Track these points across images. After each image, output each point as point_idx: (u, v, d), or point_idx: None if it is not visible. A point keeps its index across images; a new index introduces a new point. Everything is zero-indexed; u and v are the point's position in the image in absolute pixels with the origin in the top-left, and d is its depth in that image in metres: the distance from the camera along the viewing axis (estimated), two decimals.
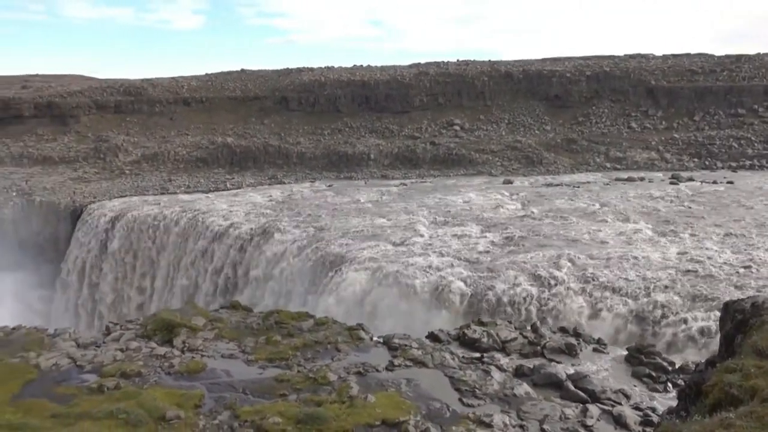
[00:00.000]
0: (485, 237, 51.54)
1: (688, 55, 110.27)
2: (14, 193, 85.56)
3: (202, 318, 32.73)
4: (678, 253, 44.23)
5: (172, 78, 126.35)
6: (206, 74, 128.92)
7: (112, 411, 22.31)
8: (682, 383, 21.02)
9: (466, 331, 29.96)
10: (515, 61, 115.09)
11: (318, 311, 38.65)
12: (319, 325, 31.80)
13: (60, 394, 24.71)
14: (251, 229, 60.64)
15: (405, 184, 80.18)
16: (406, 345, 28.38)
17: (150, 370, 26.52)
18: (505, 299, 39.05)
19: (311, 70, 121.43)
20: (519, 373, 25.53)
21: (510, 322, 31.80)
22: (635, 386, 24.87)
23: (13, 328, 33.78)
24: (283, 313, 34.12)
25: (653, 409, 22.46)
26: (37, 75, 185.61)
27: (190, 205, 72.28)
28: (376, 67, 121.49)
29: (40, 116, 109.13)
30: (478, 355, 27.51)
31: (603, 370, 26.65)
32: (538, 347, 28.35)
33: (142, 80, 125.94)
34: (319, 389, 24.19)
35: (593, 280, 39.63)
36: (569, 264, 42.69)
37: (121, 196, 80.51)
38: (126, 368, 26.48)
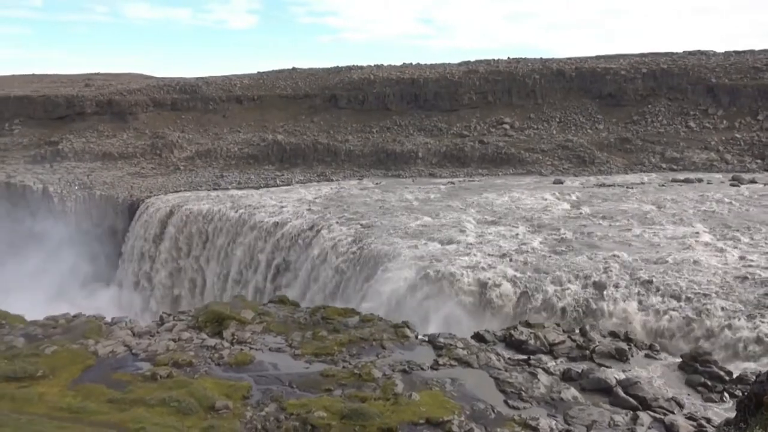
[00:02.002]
0: (534, 237, 50.73)
1: (752, 51, 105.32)
2: (76, 187, 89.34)
3: (250, 311, 33.47)
4: (738, 259, 42.45)
5: (226, 76, 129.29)
6: (258, 72, 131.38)
7: (165, 399, 23.11)
8: (741, 394, 20.22)
9: (512, 332, 29.62)
10: (567, 58, 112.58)
11: (364, 308, 38.92)
12: (365, 322, 32.03)
13: (116, 380, 25.73)
14: (299, 225, 61.51)
15: (453, 183, 79.70)
16: (451, 344, 28.27)
17: (201, 361, 27.32)
18: (554, 301, 38.37)
19: (361, 68, 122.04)
20: (566, 377, 25.06)
21: (558, 325, 31.26)
22: (689, 395, 24.06)
23: (74, 316, 35.37)
24: (330, 309, 34.53)
25: (708, 420, 21.66)
26: (99, 73, 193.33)
27: (240, 201, 73.86)
28: (425, 65, 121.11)
29: (102, 113, 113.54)
30: (524, 357, 27.15)
31: (655, 376, 25.88)
32: (587, 351, 27.76)
33: (197, 79, 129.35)
34: (363, 386, 24.38)
35: (646, 284, 38.46)
36: (621, 267, 41.58)
37: (176, 191, 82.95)
38: (178, 358, 27.37)
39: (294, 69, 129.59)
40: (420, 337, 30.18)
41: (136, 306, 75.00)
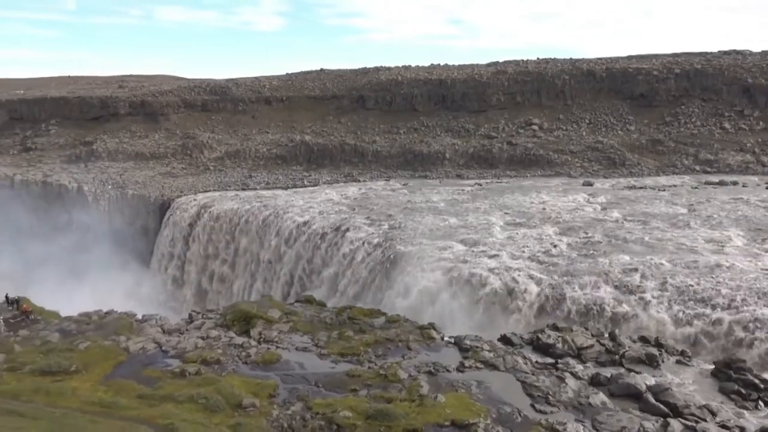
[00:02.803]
0: (562, 240, 50.13)
1: None
2: (110, 186, 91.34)
3: (277, 311, 33.78)
4: None
5: (255, 78, 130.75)
6: (287, 74, 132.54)
7: (193, 395, 23.46)
8: None
9: (539, 335, 29.33)
10: (598, 58, 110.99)
11: (389, 309, 38.95)
12: (391, 323, 32.07)
13: (146, 376, 26.23)
14: (326, 225, 61.82)
15: (480, 184, 79.25)
16: (477, 346, 28.13)
17: (228, 359, 27.68)
18: (582, 305, 37.87)
19: (388, 69, 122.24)
20: (595, 381, 24.73)
21: (586, 329, 30.85)
22: (722, 403, 23.50)
23: (106, 313, 36.15)
24: (356, 309, 34.65)
25: (742, 429, 21.16)
26: (132, 75, 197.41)
27: (268, 201, 74.57)
28: (453, 65, 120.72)
29: (134, 114, 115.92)
30: (551, 360, 26.87)
31: (687, 383, 25.37)
32: (616, 356, 27.34)
33: (227, 80, 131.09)
34: (389, 386, 24.40)
35: (678, 288, 37.71)
36: (652, 271, 40.83)
37: (205, 191, 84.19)
38: (206, 355, 27.77)
39: (322, 70, 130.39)
40: (446, 338, 30.09)
41: (166, 301, 76.28)
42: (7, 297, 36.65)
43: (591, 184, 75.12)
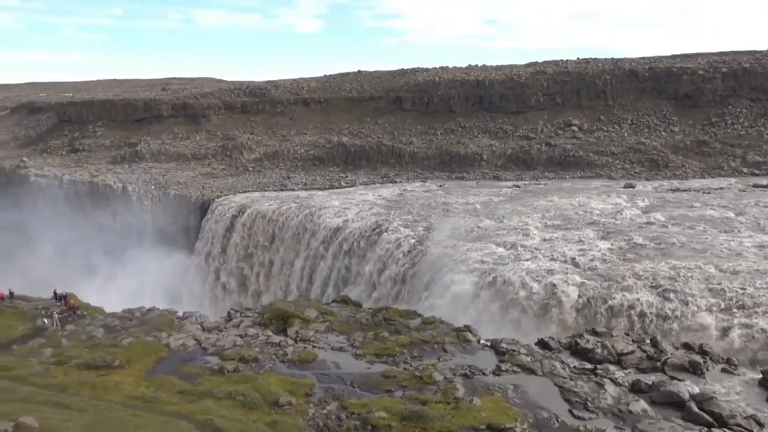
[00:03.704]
0: (602, 243, 49.14)
1: None
2: (153, 187, 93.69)
3: (314, 310, 34.11)
4: None
5: (293, 80, 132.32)
6: (324, 75, 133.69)
7: (231, 392, 23.89)
8: None
9: (578, 340, 28.84)
10: (640, 58, 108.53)
11: (425, 310, 38.88)
12: (427, 324, 32.01)
13: (186, 372, 26.82)
14: (362, 226, 62.07)
15: (518, 186, 78.37)
16: (514, 350, 27.82)
17: (266, 357, 28.08)
18: (623, 310, 37.05)
19: (426, 70, 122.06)
20: (636, 388, 24.17)
21: (627, 334, 30.20)
22: None
23: (149, 310, 37.14)
24: (392, 310, 34.71)
25: None
26: (174, 78, 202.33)
27: (306, 202, 75.31)
28: (491, 66, 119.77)
29: (176, 116, 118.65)
30: (590, 366, 26.38)
31: (733, 392, 24.54)
32: (658, 363, 26.67)
33: (266, 82, 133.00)
34: (424, 388, 24.36)
35: (724, 294, 36.54)
36: (696, 276, 39.66)
37: (245, 192, 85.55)
38: (244, 353, 28.24)
39: (359, 72, 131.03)
40: (482, 341, 29.87)
41: (206, 299, 77.78)
42: (55, 293, 38.01)
43: (633, 187, 73.44)
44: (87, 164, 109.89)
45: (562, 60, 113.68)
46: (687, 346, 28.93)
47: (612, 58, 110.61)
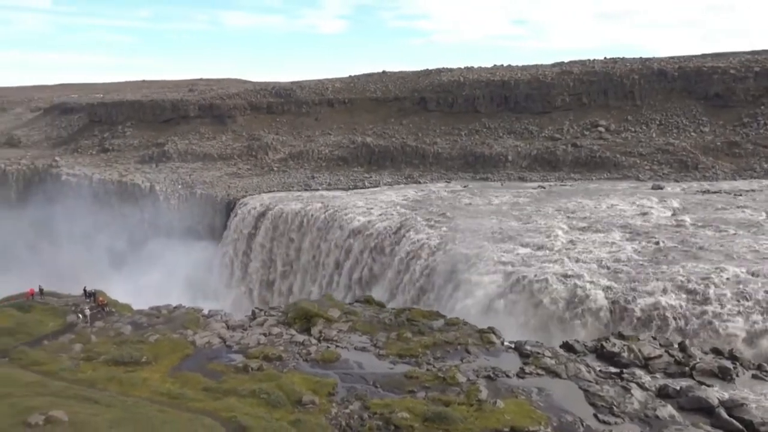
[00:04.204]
0: (629, 245, 48.40)
1: None
2: (180, 186, 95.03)
3: (337, 310, 34.25)
4: None
5: (318, 80, 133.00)
6: (349, 76, 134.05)
7: (255, 390, 24.13)
8: None
9: (604, 343, 28.48)
10: (669, 57, 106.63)
11: (449, 311, 38.76)
12: (450, 326, 31.91)
13: (211, 370, 27.17)
14: (386, 226, 62.10)
15: (543, 187, 77.64)
16: (538, 353, 27.58)
17: (289, 356, 28.29)
18: (650, 313, 36.44)
19: (450, 70, 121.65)
20: (663, 393, 23.77)
21: (654, 338, 29.72)
22: None
23: (175, 307, 37.70)
24: (415, 310, 34.69)
25: None
26: (201, 79, 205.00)
27: (330, 202, 75.63)
28: (516, 66, 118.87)
29: (203, 116, 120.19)
30: (616, 370, 26.03)
31: (764, 399, 23.96)
32: (686, 368, 26.20)
33: (291, 83, 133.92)
34: (447, 389, 24.29)
35: (755, 299, 35.70)
36: (727, 279, 38.81)
37: (269, 191, 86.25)
38: (268, 352, 28.50)
39: (384, 72, 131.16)
40: (506, 343, 29.68)
41: (231, 297, 78.60)
42: (85, 290, 38.79)
43: (661, 188, 72.19)
44: (116, 164, 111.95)
45: (588, 60, 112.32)
46: (716, 351, 28.37)
47: (640, 58, 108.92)
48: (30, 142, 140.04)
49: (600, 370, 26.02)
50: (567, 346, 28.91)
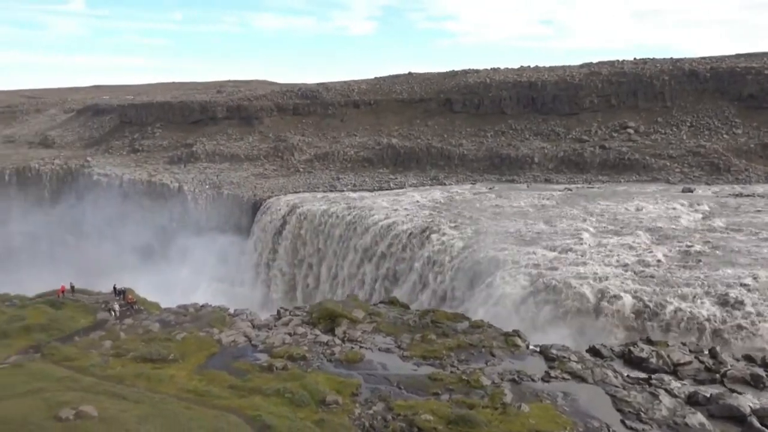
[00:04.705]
0: (658, 249, 47.57)
1: None
2: (207, 186, 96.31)
3: (361, 311, 34.32)
4: None
5: (344, 82, 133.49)
6: (375, 77, 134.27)
7: (280, 389, 24.31)
8: None
9: (632, 348, 28.01)
10: (701, 58, 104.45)
11: (473, 314, 38.54)
12: (474, 328, 31.73)
13: (236, 368, 27.46)
14: (411, 228, 62.05)
15: (570, 189, 76.76)
16: (564, 357, 27.26)
17: (314, 356, 28.44)
18: (679, 318, 35.76)
19: (477, 71, 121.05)
20: (692, 400, 23.29)
21: (684, 344, 29.13)
22: None
23: (202, 306, 38.20)
24: (439, 312, 34.57)
25: None
26: (229, 81, 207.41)
27: (355, 203, 75.87)
28: (543, 67, 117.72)
29: (231, 118, 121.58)
30: (644, 375, 25.59)
31: None
32: (717, 375, 25.62)
33: (318, 84, 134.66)
34: (471, 392, 24.15)
35: None
36: (760, 285, 37.89)
37: (295, 192, 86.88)
38: (293, 351, 28.69)
39: (410, 73, 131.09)
40: (531, 346, 29.39)
41: (256, 296, 79.36)
42: (115, 288, 39.55)
43: (691, 191, 70.80)
44: (146, 164, 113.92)
45: (617, 60, 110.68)
46: (748, 358, 27.69)
47: (671, 58, 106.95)
48: (63, 143, 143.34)
49: (627, 376, 25.62)
50: (593, 351, 28.52)
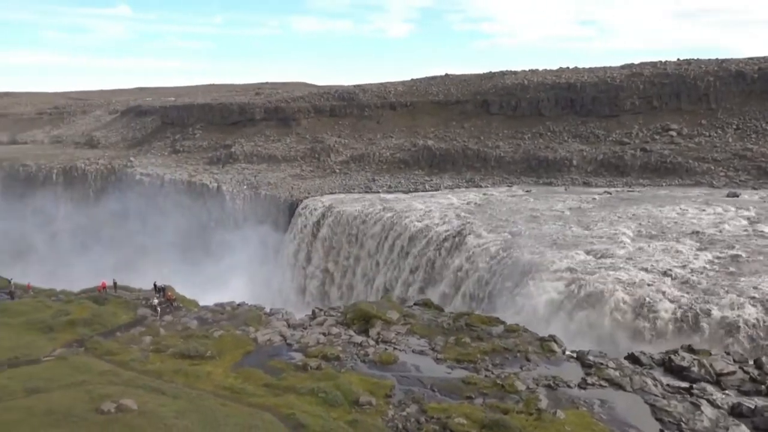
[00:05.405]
0: (701, 255, 46.22)
1: None
2: (245, 187, 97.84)
3: (396, 312, 34.32)
4: None
5: (381, 83, 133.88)
6: (411, 79, 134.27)
7: (314, 389, 24.50)
8: None
9: (672, 357, 27.29)
10: (749, 58, 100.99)
11: (508, 317, 38.11)
12: (509, 332, 31.40)
13: (271, 366, 27.80)
14: (446, 230, 61.79)
15: (609, 193, 75.24)
16: (601, 363, 26.75)
17: (347, 356, 28.58)
18: (723, 326, 34.66)
19: (514, 73, 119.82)
20: (736, 412, 22.55)
21: (727, 353, 28.25)
22: None
23: (239, 305, 38.81)
24: (474, 315, 34.32)
25: None
26: (267, 83, 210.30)
27: (390, 205, 75.95)
28: (583, 68, 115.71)
29: (269, 119, 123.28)
30: (685, 385, 24.89)
31: None
32: (762, 386, 24.75)
33: (354, 86, 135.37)
34: (506, 397, 23.91)
35: None
36: None
37: (331, 193, 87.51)
38: (327, 351, 28.89)
39: (446, 75, 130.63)
40: (567, 352, 28.93)
41: (291, 296, 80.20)
42: (155, 285, 40.50)
43: (737, 196, 68.57)
44: (186, 164, 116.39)
45: (660, 61, 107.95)
46: None
47: (716, 59, 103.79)
48: (108, 143, 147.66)
49: (667, 385, 24.97)
50: (632, 358, 27.89)
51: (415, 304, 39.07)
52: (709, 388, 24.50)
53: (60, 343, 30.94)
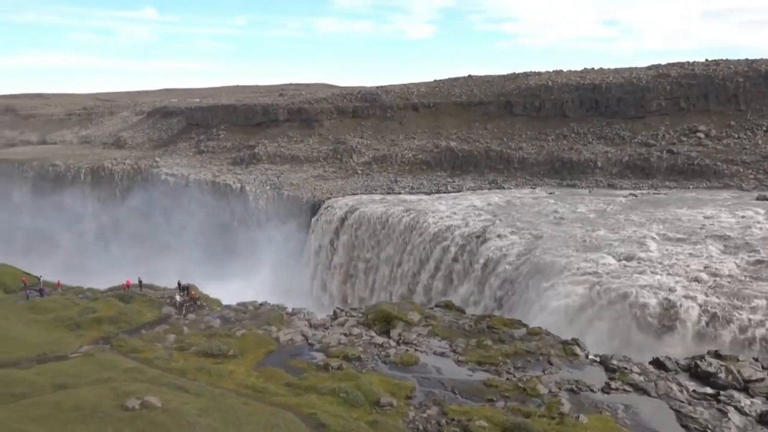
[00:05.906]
0: (729, 259, 45.30)
1: None
2: (268, 187, 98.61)
3: (417, 314, 34.29)
4: None
5: (403, 85, 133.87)
6: (434, 80, 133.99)
7: (335, 389, 24.59)
8: None
9: (698, 362, 26.82)
10: None
11: (530, 320, 37.81)
12: (532, 335, 31.15)
13: (293, 366, 27.96)
14: (469, 231, 61.52)
15: (635, 195, 74.17)
16: (625, 368, 26.39)
17: (368, 357, 28.63)
18: (752, 332, 33.92)
19: (538, 74, 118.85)
20: (765, 420, 22.07)
21: (756, 359, 27.64)
22: None
23: (261, 304, 39.12)
24: (495, 318, 34.12)
25: None
26: (290, 84, 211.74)
27: (412, 206, 75.87)
28: (608, 69, 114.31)
29: (292, 120, 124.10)
30: (712, 391, 24.43)
31: None
32: None
33: (377, 87, 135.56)
34: (527, 400, 23.72)
35: None
36: None
37: (353, 194, 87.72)
38: (348, 352, 28.97)
39: (469, 76, 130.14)
40: (591, 356, 28.60)
41: (313, 295, 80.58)
42: (179, 284, 41.03)
43: (767, 199, 67.08)
44: (210, 165, 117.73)
45: (687, 62, 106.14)
46: None
47: (746, 59, 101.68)
48: (134, 144, 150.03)
49: (693, 391, 24.54)
50: (657, 363, 27.47)
51: (436, 305, 38.98)
52: (737, 395, 24.02)
53: (87, 339, 31.52)
